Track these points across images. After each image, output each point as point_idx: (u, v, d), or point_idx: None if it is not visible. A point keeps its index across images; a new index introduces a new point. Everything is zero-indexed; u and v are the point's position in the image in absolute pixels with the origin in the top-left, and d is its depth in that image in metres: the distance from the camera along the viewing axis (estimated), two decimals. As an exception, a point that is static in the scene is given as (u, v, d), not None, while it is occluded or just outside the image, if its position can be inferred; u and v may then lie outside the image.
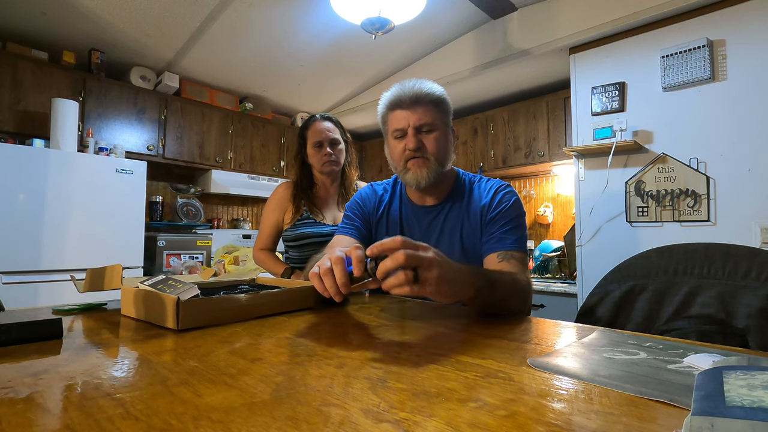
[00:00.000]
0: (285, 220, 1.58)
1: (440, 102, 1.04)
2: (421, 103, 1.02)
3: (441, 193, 1.11)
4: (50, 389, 0.40)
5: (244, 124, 3.57)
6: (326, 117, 1.60)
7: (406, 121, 1.02)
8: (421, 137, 1.02)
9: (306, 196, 1.58)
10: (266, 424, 0.32)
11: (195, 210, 3.42)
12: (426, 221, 1.10)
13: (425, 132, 1.02)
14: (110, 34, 2.67)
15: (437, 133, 1.03)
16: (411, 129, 1.02)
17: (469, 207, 1.07)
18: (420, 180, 1.03)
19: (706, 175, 1.99)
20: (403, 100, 1.02)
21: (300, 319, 0.73)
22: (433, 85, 1.05)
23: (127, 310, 0.74)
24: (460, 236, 1.06)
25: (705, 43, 1.97)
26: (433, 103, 1.03)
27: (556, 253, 2.92)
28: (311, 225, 1.53)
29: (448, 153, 1.07)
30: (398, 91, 1.04)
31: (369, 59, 3.12)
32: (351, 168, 1.65)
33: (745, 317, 0.73)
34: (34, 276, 2.29)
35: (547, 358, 0.49)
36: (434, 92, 1.04)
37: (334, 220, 1.57)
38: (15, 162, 2.25)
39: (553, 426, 0.32)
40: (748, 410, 0.27)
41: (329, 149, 1.54)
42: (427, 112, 1.02)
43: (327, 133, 1.54)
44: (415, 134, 1.02)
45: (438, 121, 1.03)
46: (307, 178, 1.60)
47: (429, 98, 1.02)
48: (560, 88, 2.95)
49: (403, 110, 1.02)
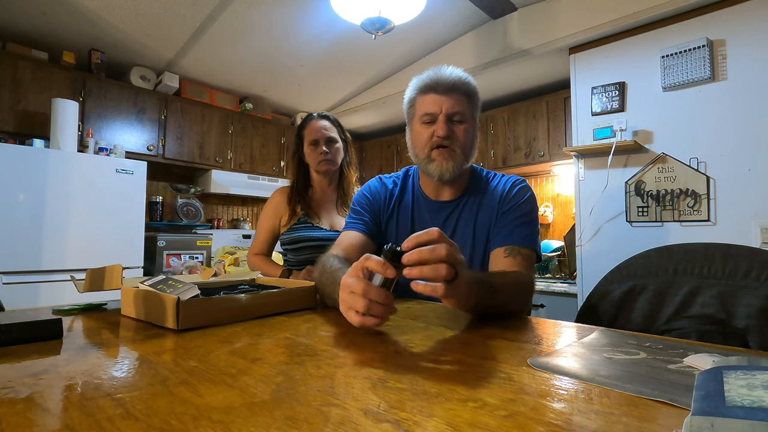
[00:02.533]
0: (281, 224, 1.57)
1: (474, 95, 1.00)
2: (458, 91, 0.97)
3: (458, 188, 1.06)
4: (50, 389, 0.40)
5: (244, 124, 3.57)
6: (323, 115, 1.58)
7: (439, 106, 0.96)
8: (452, 126, 0.97)
9: (302, 199, 1.56)
10: (266, 424, 0.32)
11: (195, 210, 3.42)
12: (441, 218, 1.05)
13: (456, 121, 0.97)
14: (110, 34, 2.67)
15: (467, 125, 0.98)
16: (443, 115, 0.96)
17: (483, 202, 1.03)
18: (444, 172, 0.97)
19: (706, 175, 1.99)
20: (440, 84, 0.96)
21: (300, 319, 0.73)
22: (469, 76, 1.00)
23: (127, 310, 0.74)
24: (473, 232, 1.01)
25: (705, 43, 1.97)
26: (468, 95, 0.98)
27: (556, 253, 2.92)
28: (308, 228, 1.51)
29: (474, 147, 1.02)
30: (434, 74, 0.98)
31: (369, 59, 3.12)
32: (350, 168, 1.63)
33: (745, 317, 0.73)
34: (34, 276, 2.29)
35: (547, 358, 0.49)
36: (471, 83, 0.99)
37: (331, 226, 1.54)
38: (15, 162, 2.25)
39: (553, 426, 0.32)
40: (748, 410, 0.27)
41: (325, 148, 1.52)
42: (461, 101, 0.97)
43: (323, 132, 1.52)
44: (446, 121, 0.96)
45: (469, 114, 0.99)
46: (303, 178, 1.59)
47: (466, 88, 0.98)
48: (560, 88, 2.95)
49: (438, 95, 0.96)
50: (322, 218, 1.56)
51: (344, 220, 1.44)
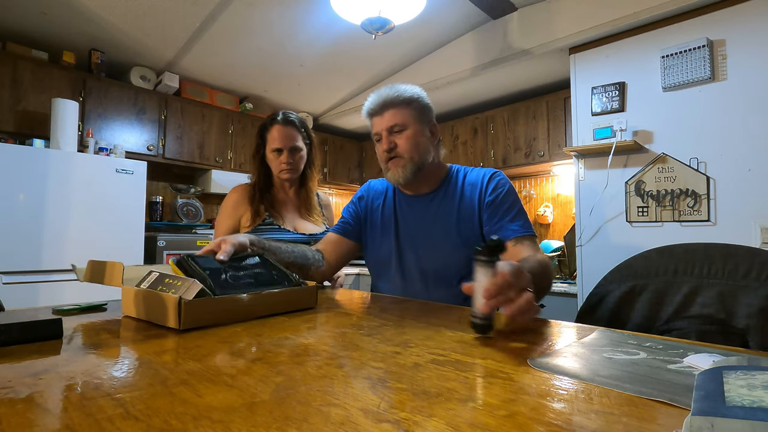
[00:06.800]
0: (242, 224, 1.48)
1: (411, 101, 1.11)
2: (390, 106, 1.10)
3: (433, 182, 1.17)
4: (50, 389, 0.40)
5: (244, 124, 3.57)
6: (289, 120, 1.48)
7: (380, 125, 1.11)
8: (393, 138, 1.10)
9: (265, 199, 1.49)
10: (266, 424, 0.32)
11: (195, 210, 3.42)
12: (419, 208, 1.16)
13: (397, 132, 1.10)
14: (110, 34, 2.67)
15: (409, 131, 1.10)
16: (384, 132, 1.10)
17: (464, 191, 1.13)
18: (398, 178, 1.11)
19: (706, 175, 1.99)
20: (374, 108, 1.12)
21: (300, 319, 0.73)
22: (407, 87, 1.12)
23: (127, 310, 0.74)
24: (456, 220, 1.11)
25: (705, 43, 1.97)
26: (404, 104, 1.10)
27: (556, 253, 2.92)
28: (275, 230, 1.44)
29: (424, 147, 1.12)
30: (371, 99, 1.13)
31: (369, 59, 3.12)
32: (312, 169, 1.55)
33: (745, 317, 0.73)
34: (34, 276, 2.29)
35: (547, 358, 0.49)
36: (404, 93, 1.11)
37: (295, 228, 1.47)
38: (15, 162, 2.25)
39: (553, 426, 0.32)
40: (748, 410, 0.27)
41: (289, 158, 1.45)
42: (397, 114, 1.09)
43: (287, 141, 1.45)
44: (387, 136, 1.10)
45: (409, 120, 1.10)
46: (266, 178, 1.52)
47: (398, 100, 1.10)
48: (560, 88, 2.95)
49: (376, 116, 1.12)
50: (286, 220, 1.49)
51: (307, 222, 1.52)
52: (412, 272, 1.13)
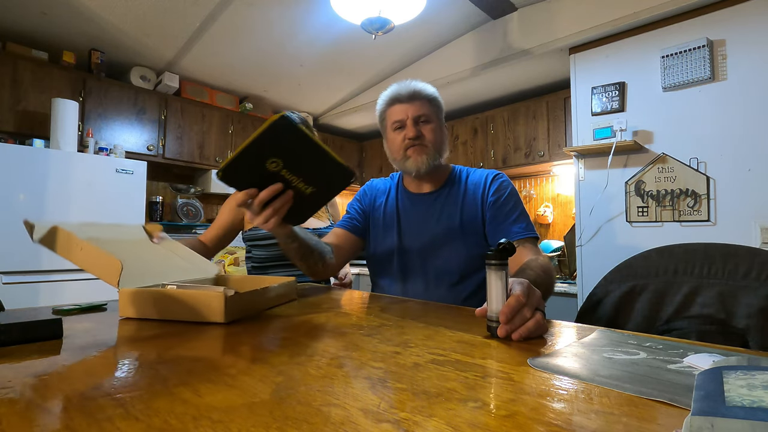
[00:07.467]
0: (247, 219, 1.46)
1: (434, 99, 1.14)
2: (419, 97, 1.11)
3: (438, 180, 1.18)
4: (50, 389, 0.40)
5: (244, 124, 3.57)
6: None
7: (405, 113, 1.11)
8: (419, 127, 1.10)
9: None
10: (266, 424, 0.32)
11: (195, 210, 3.42)
12: (423, 206, 1.17)
13: (423, 122, 1.11)
14: (110, 34, 2.67)
15: (434, 125, 1.12)
16: (410, 120, 1.10)
17: (467, 190, 1.15)
18: (420, 165, 1.10)
19: (706, 175, 1.99)
20: (401, 95, 1.12)
21: (300, 319, 0.73)
22: (426, 85, 1.15)
23: (125, 311, 0.74)
24: (460, 218, 1.12)
25: (705, 43, 1.97)
26: (428, 100, 1.13)
27: (556, 253, 2.92)
28: None
29: (444, 144, 1.15)
30: (396, 88, 1.14)
31: (369, 59, 3.12)
32: None
33: (745, 317, 0.73)
34: (34, 276, 2.29)
35: (547, 358, 0.49)
36: (429, 90, 1.14)
37: None
38: (15, 162, 2.25)
39: (553, 426, 0.32)
40: (748, 410, 0.27)
41: None
42: (424, 106, 1.12)
43: None
44: (414, 124, 1.10)
45: (434, 115, 1.13)
46: None
47: (424, 94, 1.12)
48: (560, 88, 2.95)
49: (402, 104, 1.12)
50: None
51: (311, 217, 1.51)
52: (413, 270, 1.13)
